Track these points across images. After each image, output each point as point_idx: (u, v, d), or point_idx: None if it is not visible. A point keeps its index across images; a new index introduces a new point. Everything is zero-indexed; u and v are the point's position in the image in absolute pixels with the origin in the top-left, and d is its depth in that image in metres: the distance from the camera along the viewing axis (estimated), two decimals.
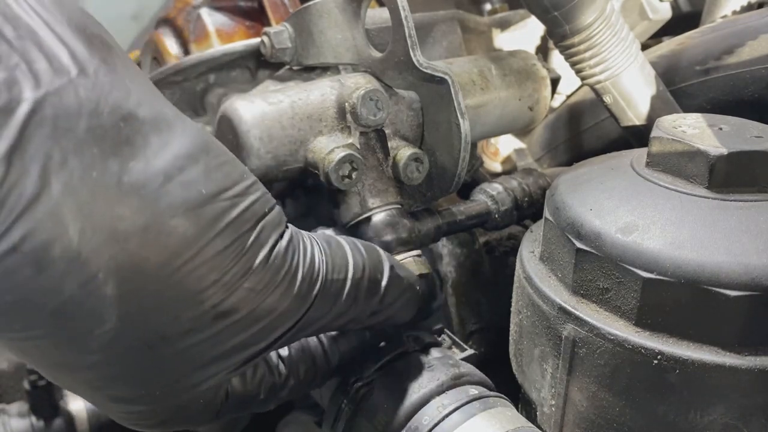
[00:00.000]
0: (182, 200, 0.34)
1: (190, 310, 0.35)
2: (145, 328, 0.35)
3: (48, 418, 0.71)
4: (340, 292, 0.43)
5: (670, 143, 0.45)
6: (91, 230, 0.31)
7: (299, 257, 0.40)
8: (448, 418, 0.45)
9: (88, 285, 0.32)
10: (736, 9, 0.79)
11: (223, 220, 0.35)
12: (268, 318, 0.38)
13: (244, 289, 0.36)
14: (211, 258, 0.35)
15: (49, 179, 0.30)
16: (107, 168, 0.32)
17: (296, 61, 0.62)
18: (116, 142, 0.32)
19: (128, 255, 0.32)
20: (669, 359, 0.39)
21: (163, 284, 0.34)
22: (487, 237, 0.72)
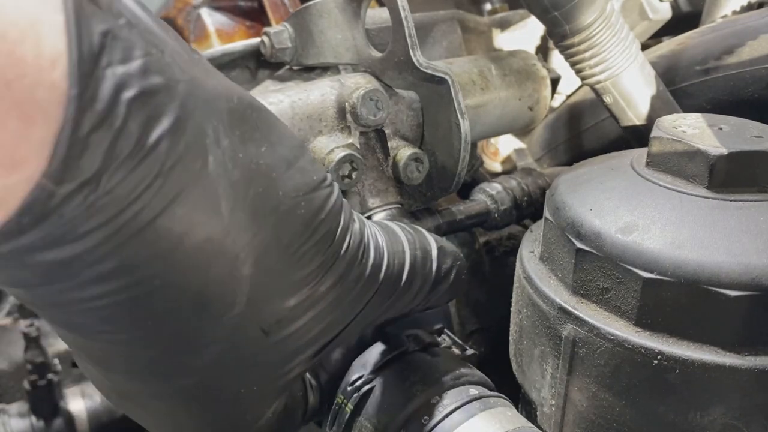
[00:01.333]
0: (303, 184, 0.35)
1: (300, 292, 0.36)
2: (267, 311, 0.35)
3: (48, 418, 0.71)
4: (402, 270, 0.43)
5: (670, 143, 0.45)
6: (240, 209, 0.32)
7: (369, 235, 0.41)
8: (448, 418, 0.45)
9: (233, 263, 0.32)
10: (736, 9, 0.79)
11: (326, 205, 0.37)
12: (351, 294, 0.39)
13: (337, 269, 0.38)
14: (319, 240, 0.36)
15: (207, 155, 0.30)
16: (247, 151, 0.32)
17: (296, 61, 0.62)
18: (251, 127, 0.33)
19: (265, 235, 0.33)
20: (669, 359, 0.39)
21: (286, 264, 0.35)
22: (487, 237, 0.72)
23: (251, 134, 0.33)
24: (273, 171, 0.34)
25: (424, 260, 0.45)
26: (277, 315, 0.35)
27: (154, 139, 0.28)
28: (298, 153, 0.36)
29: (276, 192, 0.34)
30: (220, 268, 0.32)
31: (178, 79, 0.29)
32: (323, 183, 0.37)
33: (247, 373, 0.36)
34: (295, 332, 0.37)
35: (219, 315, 0.33)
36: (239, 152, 0.32)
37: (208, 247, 0.31)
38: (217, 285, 0.32)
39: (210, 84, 0.31)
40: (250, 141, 0.33)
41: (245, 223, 0.32)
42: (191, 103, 0.29)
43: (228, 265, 0.32)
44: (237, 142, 0.32)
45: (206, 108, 0.30)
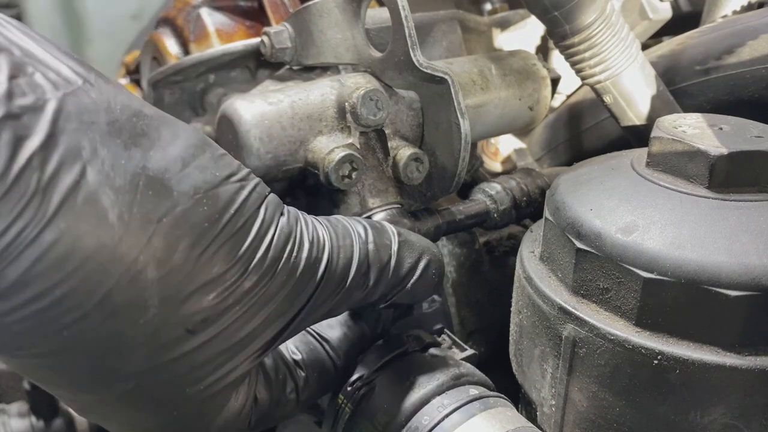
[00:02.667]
0: (202, 182, 0.36)
1: (219, 288, 0.36)
2: (185, 312, 0.35)
3: (48, 418, 0.71)
4: (348, 264, 0.43)
5: (670, 143, 0.45)
6: (129, 215, 0.32)
7: (303, 229, 0.41)
8: (448, 418, 0.45)
9: (131, 269, 0.33)
10: (736, 9, 0.79)
11: (236, 200, 0.37)
12: (285, 290, 0.39)
13: (260, 265, 0.38)
14: (232, 236, 0.36)
15: (84, 169, 0.31)
16: (132, 157, 0.33)
17: (296, 60, 0.62)
18: (134, 134, 0.34)
19: (163, 237, 0.34)
20: (669, 359, 0.39)
21: (194, 264, 0.35)
22: (487, 237, 0.72)
23: (136, 140, 0.34)
24: (164, 172, 0.34)
25: (379, 254, 0.44)
26: (200, 314, 0.36)
27: (25, 158, 0.29)
28: (197, 151, 0.36)
29: (169, 192, 0.34)
30: (120, 274, 0.33)
31: (47, 98, 0.31)
32: (230, 178, 0.37)
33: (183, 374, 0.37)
34: (226, 329, 0.37)
35: (133, 319, 0.34)
36: (121, 159, 0.33)
37: (102, 255, 0.32)
38: (121, 290, 0.33)
39: (88, 99, 0.32)
40: (135, 146, 0.33)
41: (138, 228, 0.33)
42: (63, 118, 0.31)
43: (128, 271, 0.33)
44: (118, 150, 0.33)
45: (80, 122, 0.32)
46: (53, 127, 0.30)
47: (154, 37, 0.77)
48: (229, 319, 0.37)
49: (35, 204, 0.30)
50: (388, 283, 0.46)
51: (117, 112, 0.33)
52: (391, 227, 0.47)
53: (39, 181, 0.29)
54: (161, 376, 0.36)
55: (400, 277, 0.46)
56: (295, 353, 0.47)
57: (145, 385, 0.36)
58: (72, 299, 0.32)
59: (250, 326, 0.38)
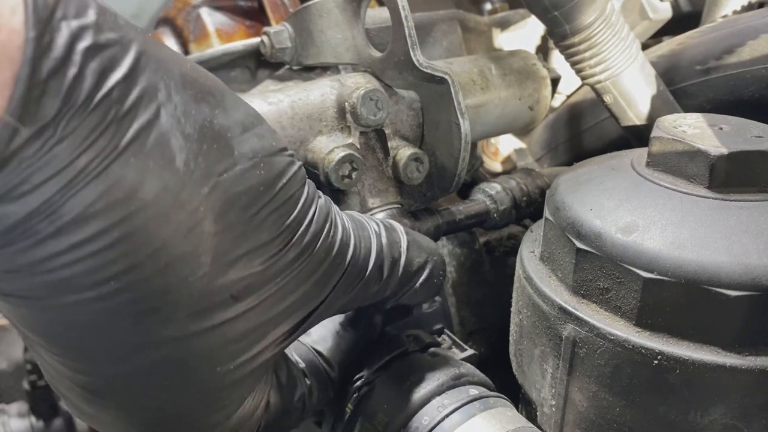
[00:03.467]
0: (259, 148, 0.36)
1: (265, 255, 0.36)
2: (233, 275, 0.35)
3: (48, 418, 0.71)
4: (368, 254, 0.43)
5: (670, 143, 0.45)
6: (194, 162, 0.33)
7: (336, 214, 0.42)
8: (448, 419, 0.45)
9: (191, 219, 0.32)
10: (737, 9, 0.79)
11: (288, 171, 0.38)
12: (321, 269, 0.40)
13: (302, 238, 0.38)
14: (281, 205, 0.37)
15: (159, 108, 0.31)
16: (200, 110, 0.34)
17: (296, 60, 0.62)
18: (203, 91, 0.34)
19: (223, 190, 0.34)
20: (669, 359, 0.39)
21: (248, 225, 0.35)
22: (487, 237, 0.72)
23: (204, 96, 0.34)
24: (228, 131, 0.35)
25: (391, 249, 0.45)
26: (246, 278, 0.35)
27: (108, 87, 0.29)
28: (255, 121, 0.37)
29: (231, 150, 0.34)
30: (180, 221, 0.32)
31: (131, 38, 0.31)
32: (284, 151, 0.38)
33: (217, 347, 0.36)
34: (265, 300, 0.37)
35: (184, 275, 0.33)
36: (192, 109, 0.33)
37: (166, 198, 0.31)
38: (178, 239, 0.32)
39: (163, 50, 0.33)
40: (203, 102, 0.34)
41: (201, 177, 0.33)
42: (144, 59, 0.31)
43: (188, 219, 0.32)
44: (189, 100, 0.33)
45: (158, 66, 0.32)
46: (135, 64, 0.30)
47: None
48: (270, 289, 0.37)
49: (108, 136, 0.29)
50: (399, 280, 0.46)
51: (188, 67, 0.34)
52: (400, 226, 0.47)
53: (117, 112, 0.29)
54: (196, 345, 0.35)
55: (410, 274, 0.46)
56: (299, 362, 0.47)
57: (175, 355, 0.35)
58: (129, 243, 0.31)
59: (286, 302, 0.38)
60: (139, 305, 0.32)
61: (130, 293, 0.32)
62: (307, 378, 0.47)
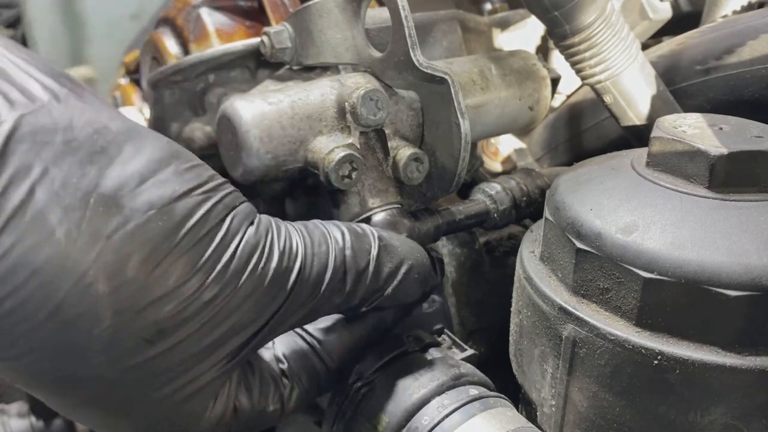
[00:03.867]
0: (157, 197, 0.36)
1: (176, 301, 0.36)
2: (141, 323, 0.36)
3: (47, 418, 0.71)
4: (323, 271, 0.43)
5: (670, 143, 0.45)
6: (77, 231, 0.34)
7: (273, 239, 0.41)
8: (448, 419, 0.45)
9: (80, 283, 0.34)
10: (737, 9, 0.78)
11: (196, 213, 0.37)
12: (251, 300, 0.39)
13: (221, 276, 0.38)
14: (190, 249, 0.37)
15: (33, 188, 0.33)
16: (85, 174, 0.34)
17: (296, 60, 0.62)
18: (92, 152, 0.35)
19: (113, 252, 0.34)
20: (669, 359, 0.39)
21: (148, 278, 0.35)
22: (487, 237, 0.72)
23: (92, 158, 0.35)
24: (118, 191, 0.35)
25: (356, 260, 0.45)
26: (157, 325, 0.36)
27: None
28: (159, 166, 0.37)
29: (121, 209, 0.35)
30: (69, 287, 0.34)
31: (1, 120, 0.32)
32: (193, 191, 0.37)
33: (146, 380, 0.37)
34: (187, 338, 0.37)
35: (87, 329, 0.35)
36: (73, 178, 0.34)
37: (50, 268, 0.33)
38: (72, 303, 0.34)
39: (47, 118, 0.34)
40: (90, 164, 0.35)
41: (86, 243, 0.34)
42: (15, 139, 0.32)
43: (77, 284, 0.34)
44: (73, 168, 0.34)
45: (33, 142, 0.33)
46: (4, 148, 0.32)
47: (154, 37, 0.77)
48: (190, 329, 0.37)
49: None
50: (367, 289, 0.45)
51: (77, 131, 0.35)
52: (373, 231, 0.47)
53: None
54: (124, 381, 0.37)
55: (380, 282, 0.46)
56: (282, 362, 0.47)
57: (108, 390, 0.37)
58: (23, 310, 0.33)
59: (212, 336, 0.38)
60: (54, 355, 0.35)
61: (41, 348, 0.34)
62: (287, 378, 0.47)
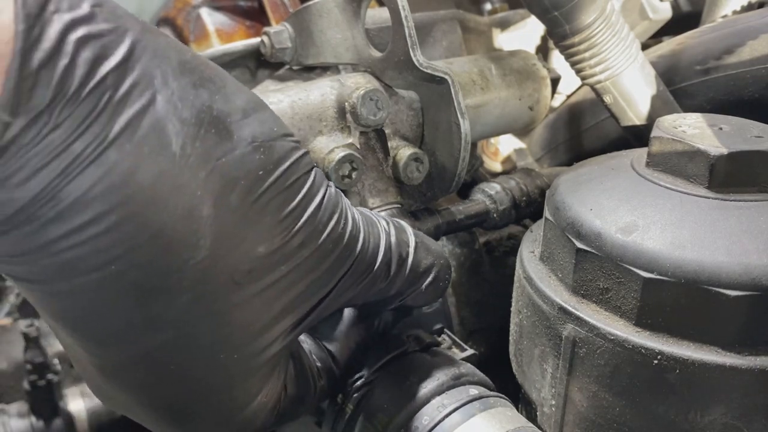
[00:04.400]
0: (260, 132, 0.36)
1: (267, 243, 0.36)
2: (235, 258, 0.35)
3: (48, 418, 0.71)
4: (377, 249, 0.43)
5: (670, 143, 0.45)
6: (191, 147, 0.33)
7: (347, 204, 0.41)
8: (448, 418, 0.45)
9: (189, 201, 0.33)
10: (736, 9, 0.79)
11: (291, 156, 0.37)
12: (329, 259, 0.39)
13: (308, 225, 0.38)
14: (284, 190, 0.37)
15: (155, 94, 0.32)
16: (199, 95, 0.34)
17: (296, 60, 0.62)
18: (203, 78, 0.35)
19: (221, 174, 0.34)
20: (669, 359, 0.39)
21: (248, 209, 0.35)
22: (487, 237, 0.72)
23: (203, 83, 0.34)
24: (227, 116, 0.35)
25: (400, 248, 0.45)
26: (248, 263, 0.35)
27: (101, 75, 0.30)
28: (257, 107, 0.37)
29: (230, 135, 0.35)
30: (177, 205, 0.32)
31: (127, 27, 0.32)
32: (287, 137, 0.38)
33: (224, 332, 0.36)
34: (270, 286, 0.37)
35: (185, 258, 0.33)
36: (189, 95, 0.33)
37: (163, 182, 0.32)
38: (177, 223, 0.32)
39: (162, 38, 0.34)
40: (202, 88, 0.34)
41: (198, 161, 0.33)
42: (140, 47, 0.32)
43: (186, 202, 0.33)
44: (187, 86, 0.33)
45: (155, 54, 0.32)
46: (130, 52, 0.31)
47: None
48: (274, 276, 0.37)
49: (102, 122, 0.30)
50: (405, 280, 0.45)
51: (188, 56, 0.35)
52: (409, 228, 0.47)
53: (110, 99, 0.30)
54: (201, 329, 0.35)
55: (417, 275, 0.46)
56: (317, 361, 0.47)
57: (182, 337, 0.35)
58: (128, 226, 0.31)
59: (292, 292, 0.38)
60: (142, 287, 0.33)
61: (131, 275, 0.32)
62: (321, 377, 0.47)
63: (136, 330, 0.34)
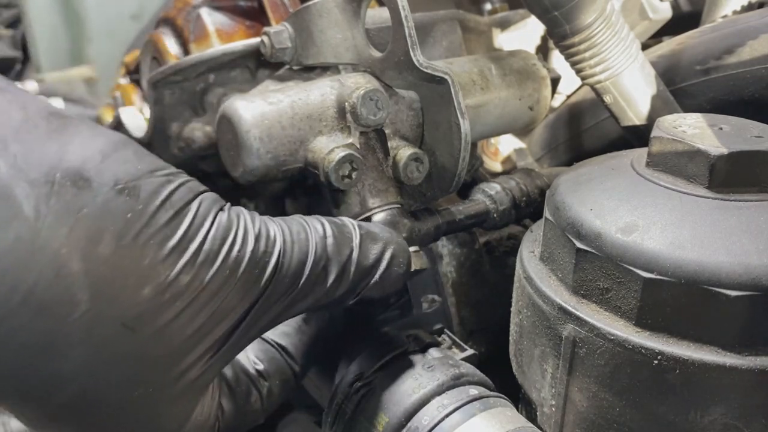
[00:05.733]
0: (123, 173, 0.35)
1: (152, 284, 0.35)
2: (119, 307, 0.34)
3: None
4: (304, 258, 0.42)
5: (670, 143, 0.45)
6: (46, 207, 0.32)
7: (247, 224, 0.40)
8: (448, 418, 0.45)
9: (54, 263, 0.32)
10: (737, 9, 0.79)
11: (161, 192, 0.36)
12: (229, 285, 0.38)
13: (195, 259, 0.37)
14: (160, 229, 0.36)
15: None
16: (46, 150, 0.33)
17: (296, 60, 0.62)
18: (50, 131, 0.34)
19: (85, 228, 0.33)
20: (669, 359, 0.39)
21: (122, 257, 0.34)
22: (487, 237, 0.72)
23: (51, 136, 0.34)
24: (84, 164, 0.34)
25: (339, 248, 0.44)
26: (136, 308, 0.35)
27: None
28: (117, 146, 0.36)
29: (89, 183, 0.34)
30: (42, 268, 0.32)
31: None
32: (155, 172, 0.37)
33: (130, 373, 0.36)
34: (166, 325, 0.36)
35: (64, 315, 0.33)
36: (33, 153, 0.32)
37: (21, 247, 0.31)
38: (46, 285, 0.32)
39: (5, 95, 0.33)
40: (50, 141, 0.33)
41: (57, 219, 0.32)
42: None
43: (51, 263, 0.32)
44: (33, 145, 0.33)
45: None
46: None
47: (154, 37, 0.77)
48: (170, 314, 0.36)
49: None
50: (354, 277, 0.45)
51: (32, 111, 0.34)
52: (351, 221, 0.47)
53: None
54: (105, 376, 0.35)
55: (367, 268, 0.45)
56: (258, 363, 0.47)
57: (88, 388, 0.35)
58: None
59: (195, 323, 0.37)
60: (30, 348, 0.33)
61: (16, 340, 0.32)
62: (266, 380, 0.46)
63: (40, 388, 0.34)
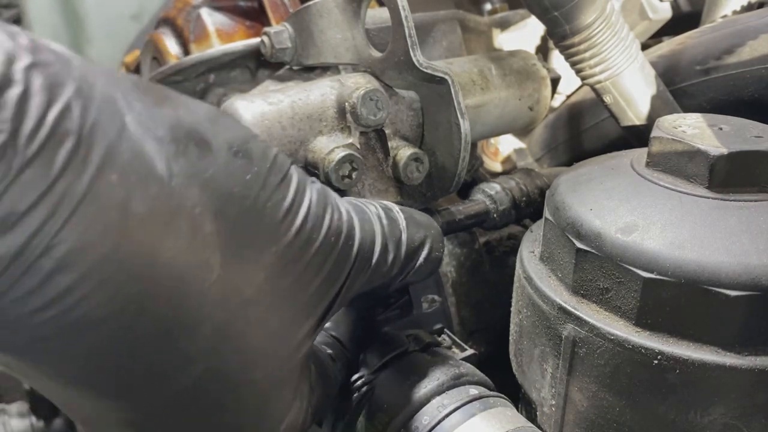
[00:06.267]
0: (233, 137, 0.35)
1: (275, 245, 0.35)
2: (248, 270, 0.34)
3: (48, 418, 0.71)
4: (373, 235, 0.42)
5: (670, 143, 0.45)
6: (175, 165, 0.31)
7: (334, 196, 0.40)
8: (448, 418, 0.45)
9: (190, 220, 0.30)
10: (736, 9, 0.79)
11: (269, 155, 0.36)
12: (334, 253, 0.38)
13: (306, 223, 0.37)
14: (275, 189, 0.35)
15: (123, 116, 0.29)
16: (164, 111, 0.32)
17: (296, 61, 0.62)
18: (160, 96, 0.33)
19: (217, 186, 0.32)
20: (669, 359, 0.39)
21: (248, 216, 0.34)
22: (487, 237, 0.72)
23: (163, 101, 0.33)
24: (199, 126, 0.33)
25: (392, 229, 0.44)
26: (260, 274, 0.34)
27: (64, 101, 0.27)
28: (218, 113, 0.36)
29: (208, 144, 0.33)
30: (179, 228, 0.30)
31: (69, 57, 0.29)
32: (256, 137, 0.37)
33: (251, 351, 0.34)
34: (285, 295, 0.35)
35: (200, 281, 0.31)
36: (155, 113, 0.31)
37: (158, 207, 0.29)
38: (184, 247, 0.30)
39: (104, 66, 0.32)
40: (165, 104, 0.32)
41: (187, 178, 0.31)
42: (90, 74, 0.29)
43: (186, 223, 0.30)
44: (151, 105, 0.31)
45: (107, 79, 0.30)
46: (83, 80, 0.28)
47: (154, 37, 0.77)
48: (287, 282, 0.35)
49: (81, 154, 0.26)
50: (403, 259, 0.45)
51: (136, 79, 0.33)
52: (395, 205, 0.47)
53: (81, 128, 0.27)
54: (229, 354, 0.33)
55: (413, 251, 0.46)
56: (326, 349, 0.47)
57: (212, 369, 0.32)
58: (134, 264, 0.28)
59: (306, 294, 0.37)
60: (163, 325, 0.30)
61: (149, 315, 0.30)
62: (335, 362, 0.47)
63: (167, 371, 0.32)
